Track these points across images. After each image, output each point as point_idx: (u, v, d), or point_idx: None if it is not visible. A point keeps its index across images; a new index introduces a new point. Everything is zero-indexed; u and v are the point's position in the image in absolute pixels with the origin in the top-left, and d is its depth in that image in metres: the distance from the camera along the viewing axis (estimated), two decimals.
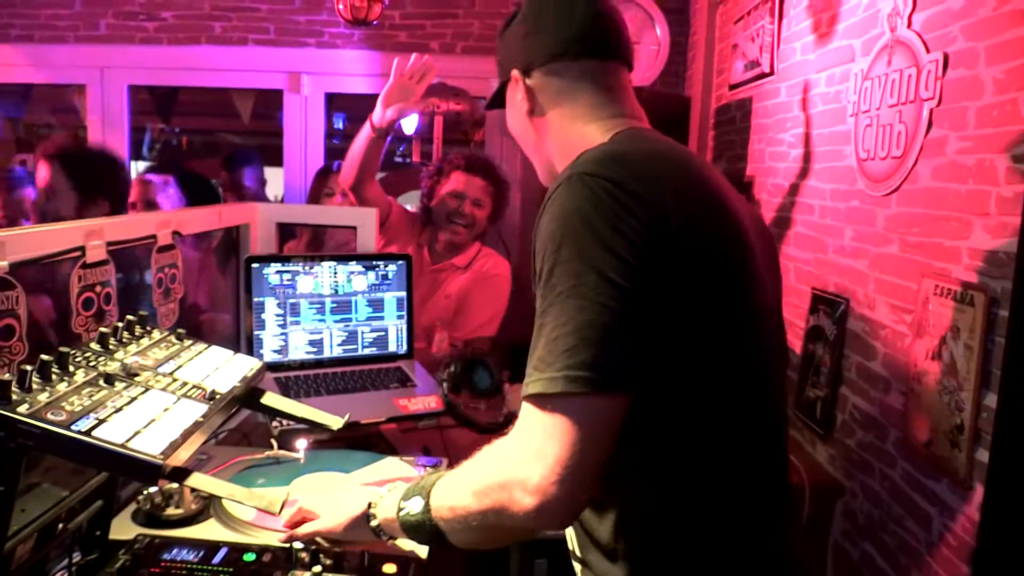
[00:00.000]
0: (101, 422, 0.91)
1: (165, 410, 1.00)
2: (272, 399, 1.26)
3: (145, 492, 1.39)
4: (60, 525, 1.16)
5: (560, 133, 1.13)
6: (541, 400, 0.86)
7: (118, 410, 0.96)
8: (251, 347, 1.98)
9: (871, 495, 1.81)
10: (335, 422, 1.27)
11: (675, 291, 0.90)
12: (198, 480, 0.94)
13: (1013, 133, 1.35)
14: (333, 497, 1.18)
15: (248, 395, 1.22)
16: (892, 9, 1.75)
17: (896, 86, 1.72)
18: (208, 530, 1.37)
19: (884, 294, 1.79)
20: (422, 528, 1.00)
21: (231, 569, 1.21)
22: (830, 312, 2.05)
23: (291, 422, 1.33)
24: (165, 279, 1.63)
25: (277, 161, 4.04)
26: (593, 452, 0.85)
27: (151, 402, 1.01)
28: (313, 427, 1.29)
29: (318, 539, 1.16)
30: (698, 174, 1.01)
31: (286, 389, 1.92)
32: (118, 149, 3.79)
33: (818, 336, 2.11)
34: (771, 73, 2.56)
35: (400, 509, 1.03)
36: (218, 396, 1.08)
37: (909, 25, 1.68)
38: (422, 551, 1.30)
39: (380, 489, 1.13)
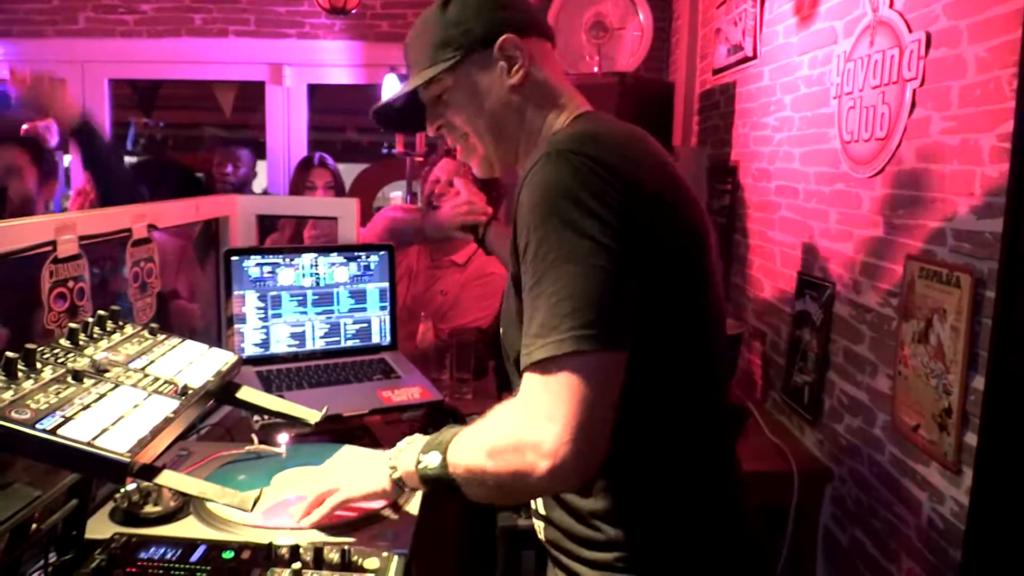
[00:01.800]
0: (67, 420, 0.89)
1: (135, 407, 0.97)
2: (248, 393, 1.23)
3: (122, 490, 1.36)
4: (34, 525, 1.14)
5: (529, 109, 1.14)
6: (547, 364, 0.88)
7: (86, 407, 0.93)
8: (231, 340, 1.96)
9: (860, 480, 1.80)
10: (312, 416, 1.25)
11: (653, 253, 0.95)
12: (169, 478, 0.92)
13: (997, 112, 1.33)
14: (344, 470, 1.24)
15: (223, 390, 1.19)
16: None
17: (879, 67, 1.70)
18: (187, 528, 1.35)
19: (870, 277, 1.78)
20: (440, 482, 1.05)
21: (209, 567, 1.18)
22: (816, 296, 2.04)
23: (271, 417, 1.31)
24: (141, 273, 1.60)
25: (260, 154, 4.00)
26: (603, 410, 0.88)
27: (121, 399, 0.98)
28: (291, 421, 1.27)
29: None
30: (658, 153, 1.07)
31: (268, 383, 1.90)
32: None
33: (805, 321, 2.10)
34: (754, 57, 2.54)
35: (419, 462, 1.08)
36: (190, 391, 1.06)
37: (891, 5, 1.66)
38: (403, 547, 1.28)
39: (387, 453, 1.18)
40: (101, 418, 0.92)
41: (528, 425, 0.89)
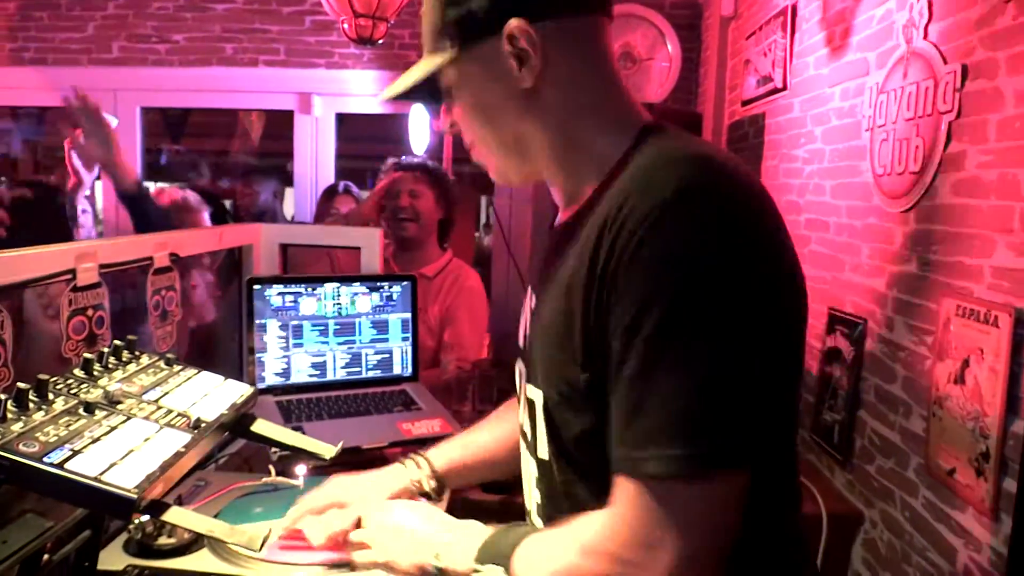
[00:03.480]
0: (76, 453, 0.87)
1: (146, 440, 0.96)
2: (263, 427, 1.21)
3: (136, 521, 1.35)
4: (45, 556, 1.12)
5: (560, 120, 0.91)
6: (661, 482, 0.74)
7: (96, 440, 0.91)
8: (251, 369, 1.95)
9: (892, 524, 1.73)
10: (327, 451, 1.22)
11: (788, 338, 0.81)
12: (177, 515, 0.90)
13: None
14: (389, 529, 1.10)
15: (238, 422, 1.18)
16: (907, 20, 1.70)
17: (912, 99, 1.66)
18: (201, 561, 1.33)
19: (903, 314, 1.72)
20: None
21: None
22: (847, 333, 1.99)
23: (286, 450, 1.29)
24: (162, 302, 1.60)
25: (288, 182, 4.03)
26: (723, 538, 0.76)
27: (132, 432, 0.97)
28: (306, 455, 1.24)
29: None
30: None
31: (288, 413, 1.88)
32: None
33: (835, 358, 2.05)
34: (784, 88, 2.51)
35: (474, 571, 0.92)
36: (203, 425, 1.04)
37: (925, 36, 1.63)
38: None
39: (439, 532, 1.03)
40: (111, 452, 0.90)
41: (627, 552, 0.76)
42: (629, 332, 0.76)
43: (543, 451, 0.96)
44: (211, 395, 1.16)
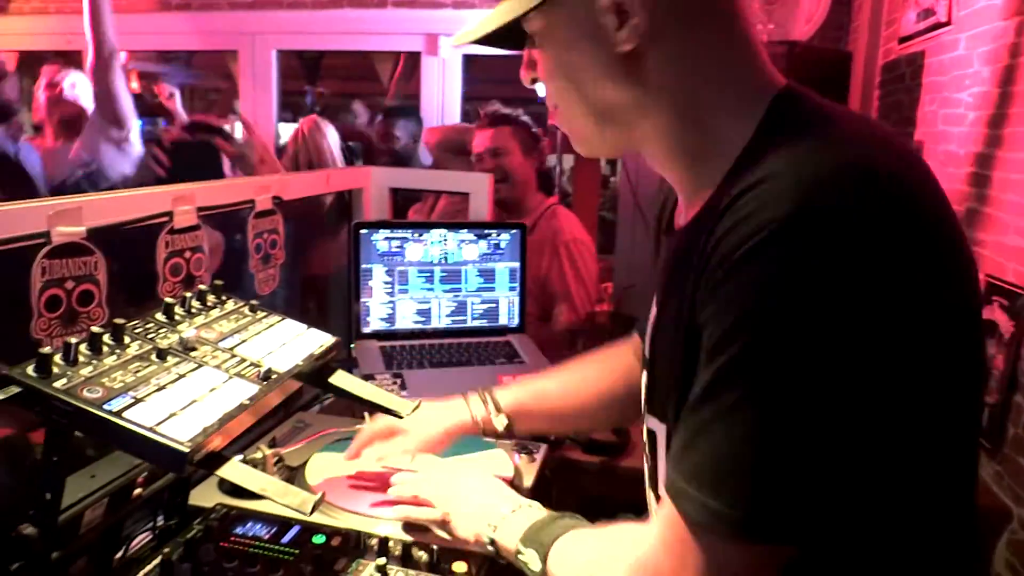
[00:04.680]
0: (137, 401, 0.86)
1: (211, 390, 0.94)
2: (341, 379, 1.19)
3: (230, 459, 1.37)
4: (138, 491, 1.16)
5: (668, 97, 0.76)
6: (692, 524, 0.68)
7: (160, 388, 0.91)
8: (358, 315, 1.95)
9: None
10: (404, 407, 1.18)
11: (928, 394, 0.67)
12: (232, 470, 0.88)
13: None
14: (452, 491, 1.12)
15: (316, 373, 1.15)
16: None
17: None
18: None
19: None
20: None
21: (297, 551, 1.16)
22: (1007, 305, 1.74)
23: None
24: (264, 245, 1.61)
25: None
26: None
27: (199, 381, 0.95)
28: (384, 411, 1.21)
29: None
30: (938, 189, 0.72)
31: (390, 359, 1.88)
32: (267, 112, 3.92)
33: (990, 332, 1.81)
34: (948, 23, 2.21)
35: (518, 552, 0.94)
36: (273, 376, 1.02)
37: None
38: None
39: (502, 505, 1.02)
40: (173, 401, 0.89)
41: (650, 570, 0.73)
42: (707, 356, 0.67)
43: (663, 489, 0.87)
44: (289, 344, 1.14)
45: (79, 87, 3.01)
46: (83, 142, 2.56)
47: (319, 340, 1.18)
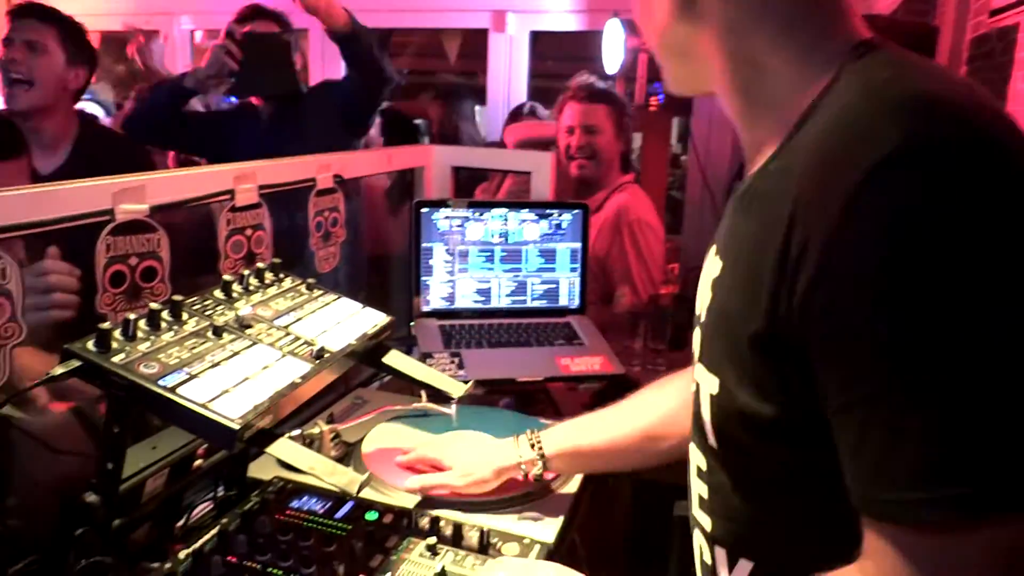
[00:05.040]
0: (191, 378, 0.88)
1: (264, 368, 0.96)
2: (395, 358, 1.19)
3: (287, 435, 1.40)
4: (198, 462, 1.19)
5: (728, 40, 0.75)
6: (928, 529, 0.58)
7: (215, 365, 0.92)
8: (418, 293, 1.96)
9: None
10: (457, 389, 1.18)
11: None
12: (281, 448, 0.89)
13: None
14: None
15: (369, 352, 1.16)
16: None
17: None
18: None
19: None
20: None
21: (350, 526, 1.18)
22: None
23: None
24: (325, 223, 1.62)
25: (483, 101, 4.02)
26: None
27: (253, 358, 0.97)
28: (436, 392, 1.21)
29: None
30: None
31: (449, 338, 1.88)
32: None
33: None
34: None
35: None
36: (326, 355, 1.03)
37: None
38: (548, 534, 1.19)
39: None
40: (226, 378, 0.90)
41: None
42: (845, 339, 0.60)
43: (711, 440, 0.82)
44: (344, 323, 1.15)
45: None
46: None
47: (373, 319, 1.19)
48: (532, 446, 1.24)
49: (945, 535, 0.57)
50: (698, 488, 0.88)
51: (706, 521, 0.85)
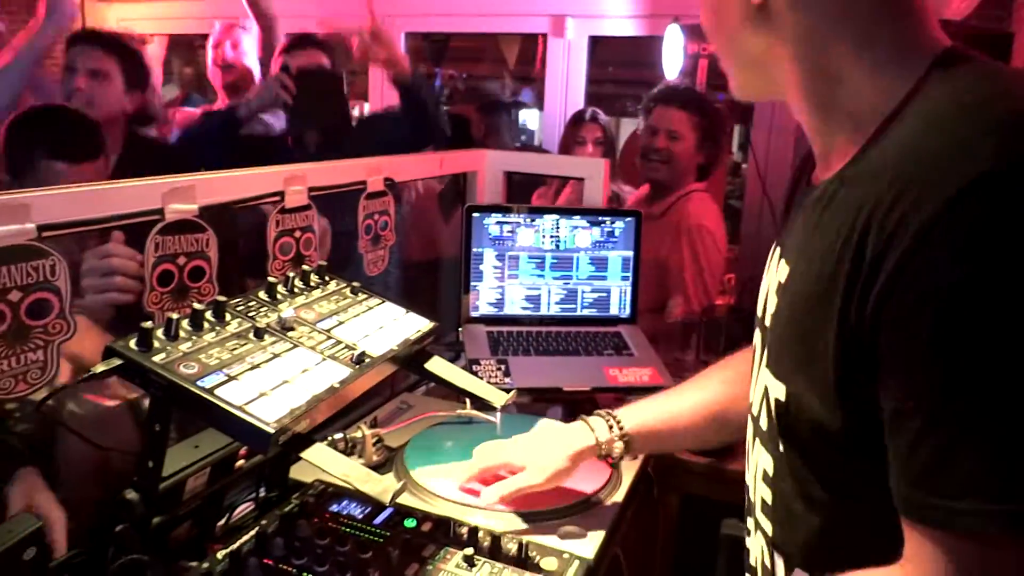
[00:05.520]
0: (230, 379, 0.88)
1: (304, 371, 0.95)
2: (437, 365, 1.18)
3: (330, 437, 1.40)
4: (240, 462, 1.19)
5: (804, 48, 0.74)
6: (963, 537, 0.59)
7: (254, 367, 0.92)
8: (467, 297, 1.95)
9: None
10: (499, 398, 1.16)
11: None
12: (316, 454, 0.88)
13: None
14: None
15: (412, 358, 1.15)
16: None
17: None
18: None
19: None
20: None
21: (388, 533, 1.17)
22: None
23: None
24: (375, 226, 1.62)
25: (541, 105, 4.00)
26: None
27: (293, 361, 0.96)
28: (478, 400, 1.19)
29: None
30: None
31: (496, 344, 1.86)
32: (395, 96, 3.99)
33: None
34: None
35: None
36: (367, 360, 1.02)
37: None
38: (588, 550, 1.16)
39: None
40: (264, 381, 0.90)
41: None
42: (924, 349, 0.59)
43: (777, 446, 0.81)
44: (387, 328, 1.14)
45: (241, 47, 3.13)
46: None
47: (416, 325, 1.17)
48: (610, 427, 1.21)
49: (990, 546, 0.58)
50: (762, 492, 0.86)
51: (768, 526, 0.84)
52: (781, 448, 0.80)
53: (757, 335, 0.91)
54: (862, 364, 0.65)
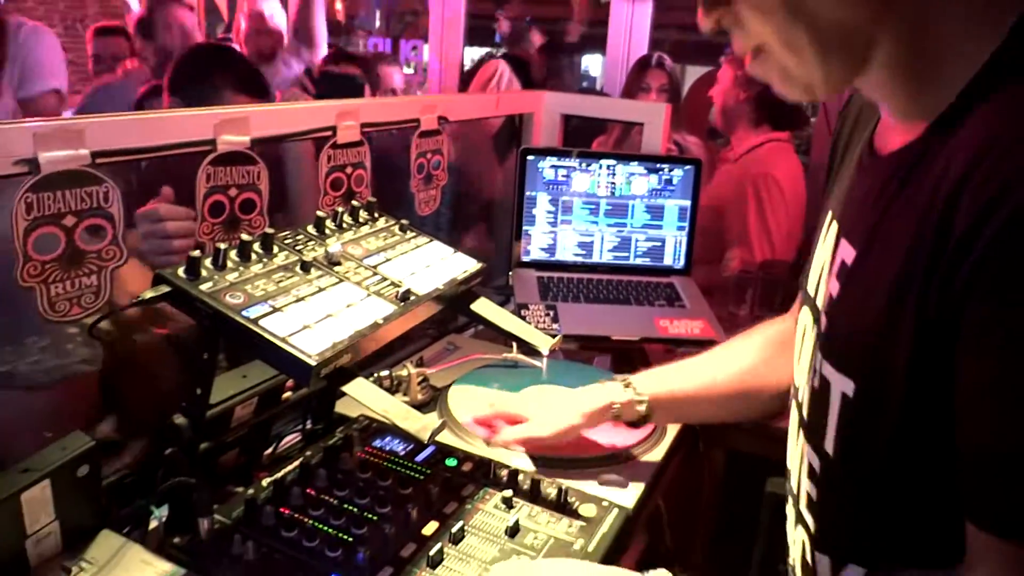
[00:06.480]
0: (275, 311, 0.88)
1: (348, 306, 0.95)
2: (483, 307, 1.16)
3: (376, 375, 1.41)
4: (287, 394, 1.21)
5: (911, 15, 0.66)
6: None
7: (299, 300, 0.92)
8: (519, 241, 1.93)
9: None
10: (545, 343, 1.15)
11: None
12: (358, 388, 0.88)
13: None
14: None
15: (457, 299, 1.14)
16: None
17: None
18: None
19: None
20: None
21: (429, 471, 1.17)
22: None
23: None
24: (427, 165, 1.60)
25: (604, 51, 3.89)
26: None
27: (338, 296, 0.96)
28: (523, 344, 1.18)
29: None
30: None
31: (546, 289, 1.85)
32: (455, 38, 3.94)
33: None
34: None
35: None
36: (411, 298, 1.01)
37: None
38: (628, 499, 1.15)
39: None
40: (309, 314, 0.90)
41: None
42: (984, 322, 0.56)
43: (831, 445, 0.77)
44: (433, 267, 1.13)
45: (277, 17, 3.14)
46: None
47: (464, 265, 1.16)
48: (626, 388, 1.19)
49: None
50: (807, 487, 0.83)
51: (812, 522, 0.81)
52: (840, 446, 0.75)
53: (807, 315, 0.85)
54: (940, 347, 0.61)
